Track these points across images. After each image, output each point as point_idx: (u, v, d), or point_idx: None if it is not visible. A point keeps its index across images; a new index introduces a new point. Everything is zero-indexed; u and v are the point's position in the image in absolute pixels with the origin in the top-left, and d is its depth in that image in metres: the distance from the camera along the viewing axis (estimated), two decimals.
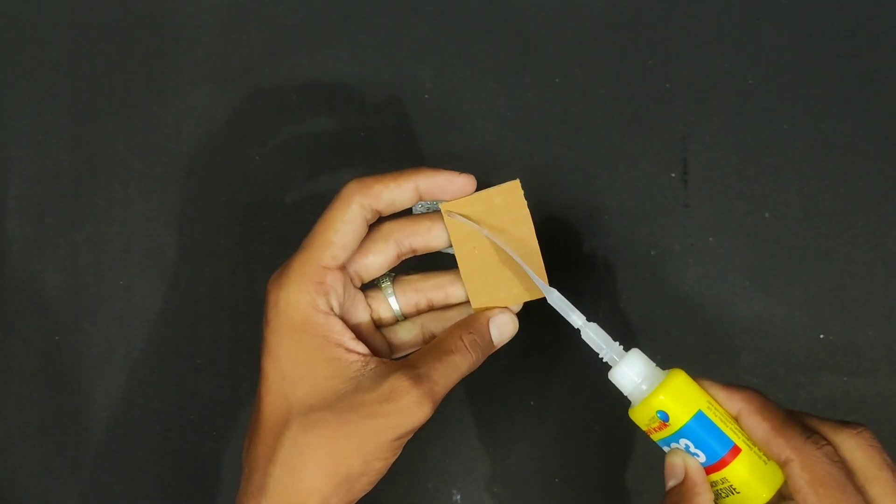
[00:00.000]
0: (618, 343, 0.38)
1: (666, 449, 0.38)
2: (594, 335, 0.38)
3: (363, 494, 0.38)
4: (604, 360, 0.38)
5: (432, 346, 0.39)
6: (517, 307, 0.41)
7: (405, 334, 0.43)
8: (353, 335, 0.38)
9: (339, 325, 0.38)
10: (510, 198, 0.39)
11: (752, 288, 0.49)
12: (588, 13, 0.51)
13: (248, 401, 0.50)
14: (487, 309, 0.41)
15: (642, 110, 0.50)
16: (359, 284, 0.41)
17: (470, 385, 0.49)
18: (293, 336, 0.38)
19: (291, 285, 0.38)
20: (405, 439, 0.37)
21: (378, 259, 0.41)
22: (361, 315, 0.41)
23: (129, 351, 0.51)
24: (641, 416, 0.38)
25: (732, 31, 0.50)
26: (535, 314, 0.49)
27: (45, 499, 0.50)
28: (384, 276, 0.42)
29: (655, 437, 0.38)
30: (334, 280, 0.38)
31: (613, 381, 0.38)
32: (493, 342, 0.41)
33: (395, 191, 0.39)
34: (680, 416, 0.36)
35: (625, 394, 0.39)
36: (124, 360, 0.51)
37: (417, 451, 0.49)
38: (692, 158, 0.49)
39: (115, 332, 0.51)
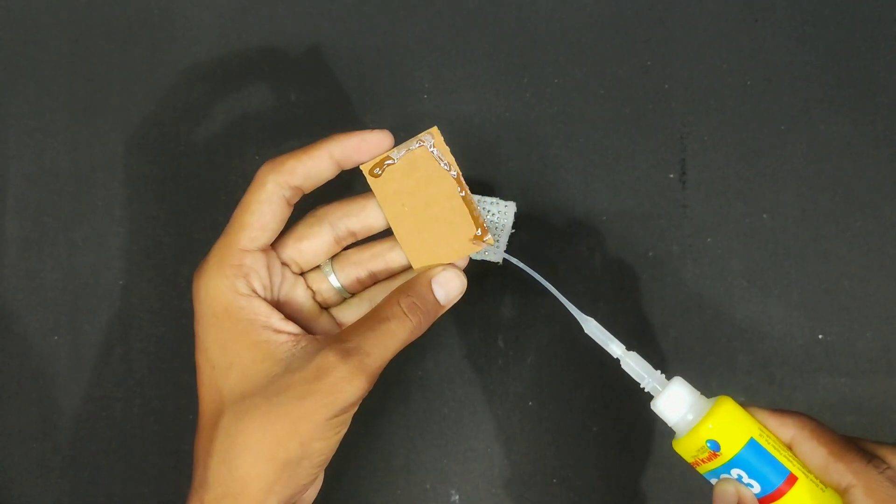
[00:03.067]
0: (659, 371, 0.37)
1: (713, 481, 0.36)
2: (635, 364, 0.37)
3: (312, 478, 0.37)
4: (645, 390, 0.37)
5: (368, 316, 0.37)
6: (463, 262, 0.39)
7: (354, 312, 0.41)
8: (281, 316, 0.37)
9: (263, 307, 0.37)
10: (430, 146, 0.38)
11: (750, 289, 0.49)
12: (587, 14, 0.51)
13: None
14: (430, 268, 0.39)
15: (641, 111, 0.50)
16: (297, 271, 0.40)
17: (468, 385, 0.49)
18: (217, 323, 0.37)
19: (210, 271, 0.37)
20: (343, 416, 0.36)
21: (313, 244, 0.39)
22: (301, 298, 0.40)
23: (127, 350, 0.51)
24: (688, 447, 0.36)
25: (731, 33, 0.50)
26: (535, 314, 0.49)
27: (42, 499, 0.50)
28: None
29: (704, 468, 0.36)
30: (255, 262, 0.37)
31: (657, 412, 0.37)
32: (438, 302, 0.38)
33: (309, 163, 0.37)
34: (732, 445, 0.34)
35: (669, 425, 0.37)
36: (123, 359, 0.51)
37: (415, 451, 0.49)
38: (690, 159, 0.49)
39: (113, 331, 0.51)
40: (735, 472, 0.35)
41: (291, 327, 0.37)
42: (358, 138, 0.38)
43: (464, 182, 0.38)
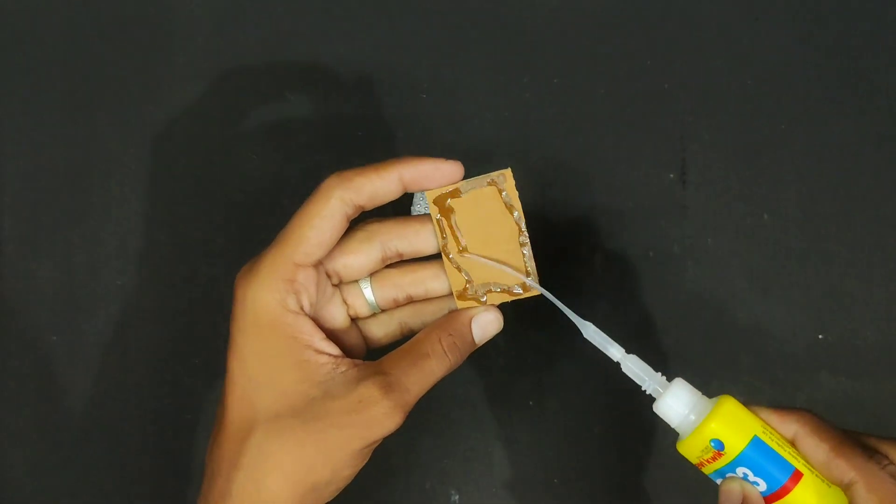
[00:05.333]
0: (660, 374, 0.37)
1: (719, 482, 0.36)
2: (635, 367, 0.37)
3: (330, 499, 0.37)
4: (647, 393, 0.37)
5: (407, 349, 0.37)
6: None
7: (382, 329, 0.41)
8: (323, 335, 0.37)
9: (308, 326, 0.36)
10: (500, 187, 0.37)
11: (750, 289, 0.49)
12: (587, 13, 0.51)
13: None
14: (471, 306, 0.39)
15: (641, 111, 0.50)
16: (336, 282, 0.39)
17: (469, 385, 0.49)
18: (260, 336, 0.36)
19: (261, 282, 0.36)
20: (373, 447, 0.36)
21: (360, 259, 0.39)
22: (337, 312, 0.40)
23: (124, 350, 0.50)
24: (692, 448, 0.36)
25: (731, 33, 0.50)
26: (534, 314, 0.49)
27: (40, 499, 0.50)
28: None
29: (709, 469, 0.36)
30: (306, 278, 0.36)
31: (659, 414, 0.36)
32: (474, 342, 0.38)
33: (378, 182, 0.37)
34: (735, 444, 0.34)
35: (672, 426, 0.37)
36: (120, 359, 0.50)
37: (416, 451, 0.49)
38: (690, 159, 0.49)
39: (110, 331, 0.51)
40: (740, 470, 0.35)
41: (332, 348, 0.37)
42: (432, 165, 0.37)
43: (525, 230, 0.38)
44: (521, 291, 0.38)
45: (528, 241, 0.38)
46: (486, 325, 0.39)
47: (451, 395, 0.49)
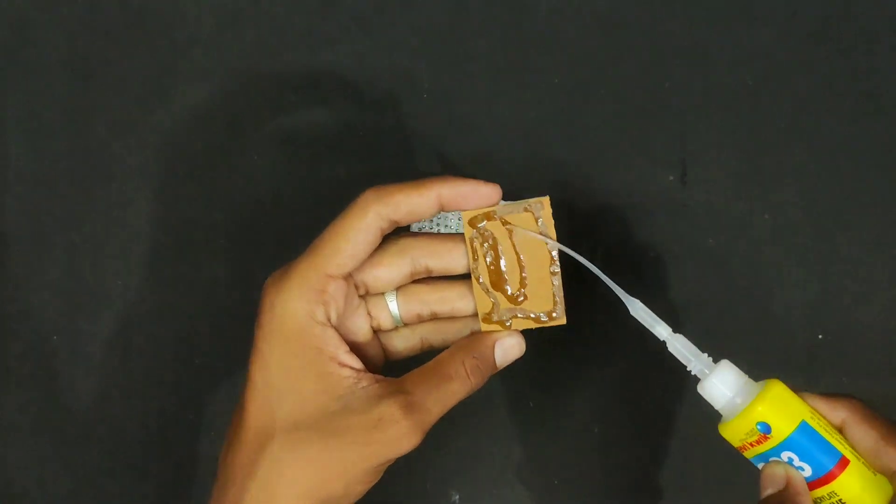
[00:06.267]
0: (706, 354, 0.36)
1: (760, 465, 0.36)
2: (682, 347, 0.37)
3: None
4: (692, 373, 0.36)
5: (430, 369, 0.37)
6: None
7: (402, 342, 0.41)
8: (347, 348, 0.37)
9: (334, 338, 0.36)
10: (537, 214, 0.38)
11: (750, 289, 0.49)
12: (587, 13, 0.51)
13: None
14: (495, 330, 0.39)
15: (641, 111, 0.50)
16: (363, 293, 0.39)
17: None
18: (286, 345, 0.36)
19: (291, 291, 0.36)
20: (389, 465, 0.36)
21: (390, 273, 0.39)
22: (361, 324, 0.40)
23: (126, 351, 0.51)
24: (737, 430, 0.35)
25: (731, 32, 0.50)
26: None
27: (41, 498, 0.50)
28: None
29: (751, 452, 0.36)
30: (336, 290, 0.36)
31: (704, 395, 0.36)
32: (495, 365, 0.39)
33: (416, 200, 0.36)
34: (783, 427, 0.34)
35: (716, 408, 0.36)
36: (122, 360, 0.51)
37: (416, 451, 0.49)
38: (691, 159, 0.49)
39: (113, 332, 0.51)
40: (785, 455, 0.34)
41: (355, 362, 0.37)
42: (470, 187, 0.37)
43: (558, 259, 0.38)
44: (546, 320, 0.38)
45: (559, 270, 0.38)
46: (508, 349, 0.39)
47: None
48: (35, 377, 0.51)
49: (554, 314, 0.38)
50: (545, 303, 0.38)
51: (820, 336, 0.48)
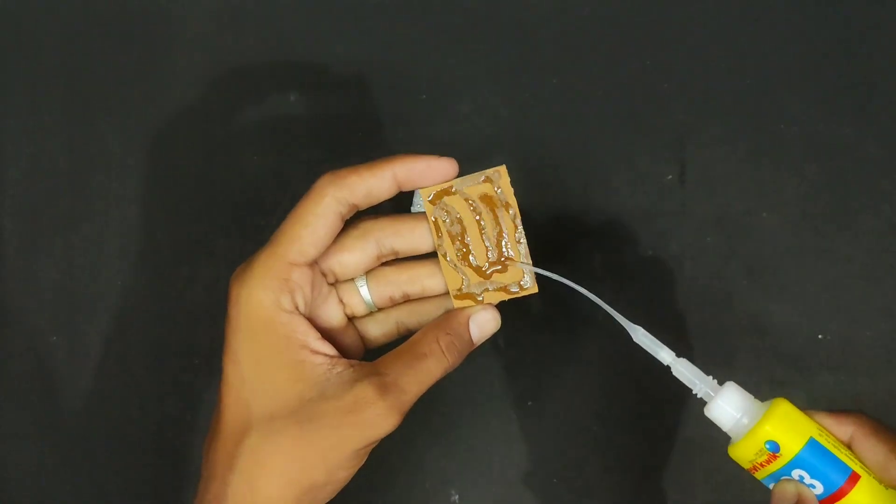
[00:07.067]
0: (710, 377, 0.36)
1: (771, 485, 0.36)
2: (686, 371, 0.36)
3: (327, 500, 0.37)
4: (698, 396, 0.36)
5: (404, 350, 0.37)
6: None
7: (379, 328, 0.41)
8: (318, 335, 0.37)
9: (303, 325, 0.36)
10: (496, 184, 0.37)
11: (749, 288, 0.49)
12: (585, 13, 0.51)
13: None
14: (468, 306, 0.39)
15: (640, 111, 0.50)
16: (332, 281, 0.39)
17: (468, 385, 0.49)
18: (254, 336, 0.36)
19: (254, 281, 0.36)
20: (370, 448, 0.36)
21: (354, 257, 0.39)
22: (333, 312, 0.40)
23: (125, 350, 0.51)
24: (746, 451, 0.35)
25: (730, 32, 0.50)
26: (534, 314, 0.49)
27: (40, 499, 0.50)
28: None
29: (762, 473, 0.36)
30: (301, 277, 0.36)
31: (711, 418, 0.36)
32: (472, 341, 0.38)
33: (371, 181, 0.36)
34: (791, 445, 0.34)
35: (724, 430, 0.36)
36: (121, 359, 0.51)
37: (415, 451, 0.49)
38: (690, 159, 0.49)
39: (111, 331, 0.51)
40: (796, 473, 0.34)
41: (327, 348, 0.36)
42: (424, 163, 0.37)
43: (521, 227, 0.38)
44: (517, 290, 0.38)
45: (524, 238, 0.38)
46: (483, 324, 0.38)
47: (451, 395, 0.49)
48: (33, 377, 0.51)
49: (524, 283, 0.38)
50: (514, 273, 0.38)
51: (819, 336, 0.48)
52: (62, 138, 0.52)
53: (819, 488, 0.34)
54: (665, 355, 0.37)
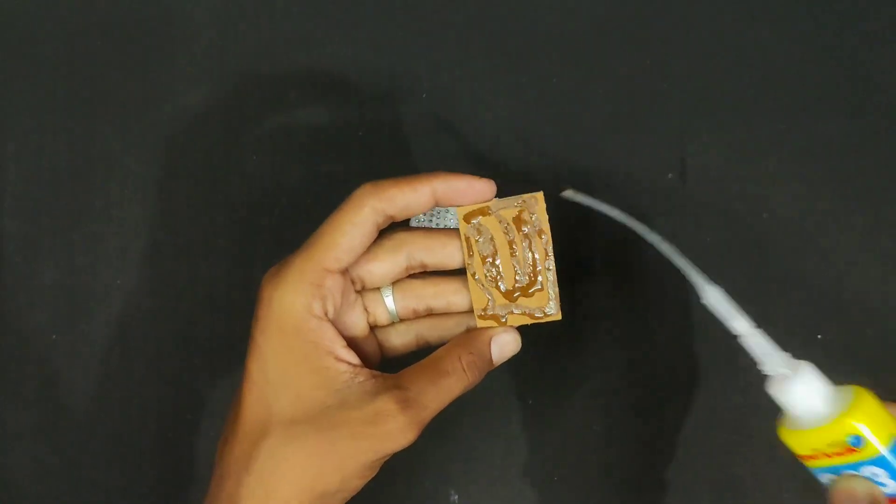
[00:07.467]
0: (788, 353, 0.34)
1: (825, 477, 0.33)
2: (764, 343, 0.34)
3: None
4: (764, 373, 0.34)
5: (427, 365, 0.37)
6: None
7: (399, 338, 0.41)
8: (344, 343, 0.37)
9: (331, 332, 0.37)
10: (531, 210, 0.38)
11: (749, 288, 0.49)
12: (585, 13, 0.51)
13: None
14: (491, 326, 0.39)
15: (640, 111, 0.50)
16: (359, 289, 0.40)
17: None
18: (282, 339, 0.36)
19: (288, 285, 0.36)
20: (385, 460, 0.36)
21: (384, 267, 0.39)
22: (357, 319, 0.40)
23: (125, 350, 0.51)
24: (818, 440, 0.33)
25: (729, 32, 0.50)
26: None
27: (40, 498, 0.50)
28: None
29: (822, 463, 0.33)
30: (333, 284, 0.37)
31: (779, 397, 0.33)
32: (492, 361, 0.39)
33: (411, 195, 0.37)
34: (878, 443, 0.31)
35: (792, 413, 0.33)
36: (121, 359, 0.51)
37: (415, 450, 0.49)
38: (690, 159, 0.49)
39: (111, 331, 0.51)
40: (867, 470, 0.32)
41: (352, 357, 0.37)
42: (465, 183, 0.37)
43: (552, 255, 0.38)
44: (541, 316, 0.38)
45: (553, 266, 0.38)
46: (504, 345, 0.39)
47: None
48: (34, 376, 0.51)
49: (548, 310, 0.38)
50: (540, 298, 0.38)
51: (818, 336, 0.48)
52: (63, 138, 0.52)
53: (891, 487, 0.32)
54: (739, 324, 0.35)
